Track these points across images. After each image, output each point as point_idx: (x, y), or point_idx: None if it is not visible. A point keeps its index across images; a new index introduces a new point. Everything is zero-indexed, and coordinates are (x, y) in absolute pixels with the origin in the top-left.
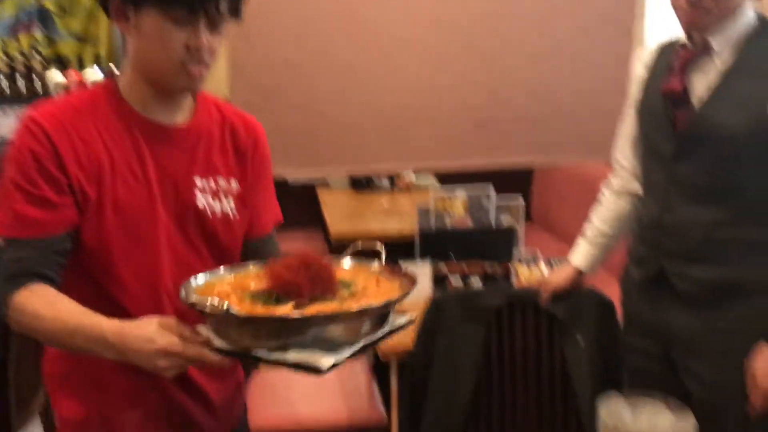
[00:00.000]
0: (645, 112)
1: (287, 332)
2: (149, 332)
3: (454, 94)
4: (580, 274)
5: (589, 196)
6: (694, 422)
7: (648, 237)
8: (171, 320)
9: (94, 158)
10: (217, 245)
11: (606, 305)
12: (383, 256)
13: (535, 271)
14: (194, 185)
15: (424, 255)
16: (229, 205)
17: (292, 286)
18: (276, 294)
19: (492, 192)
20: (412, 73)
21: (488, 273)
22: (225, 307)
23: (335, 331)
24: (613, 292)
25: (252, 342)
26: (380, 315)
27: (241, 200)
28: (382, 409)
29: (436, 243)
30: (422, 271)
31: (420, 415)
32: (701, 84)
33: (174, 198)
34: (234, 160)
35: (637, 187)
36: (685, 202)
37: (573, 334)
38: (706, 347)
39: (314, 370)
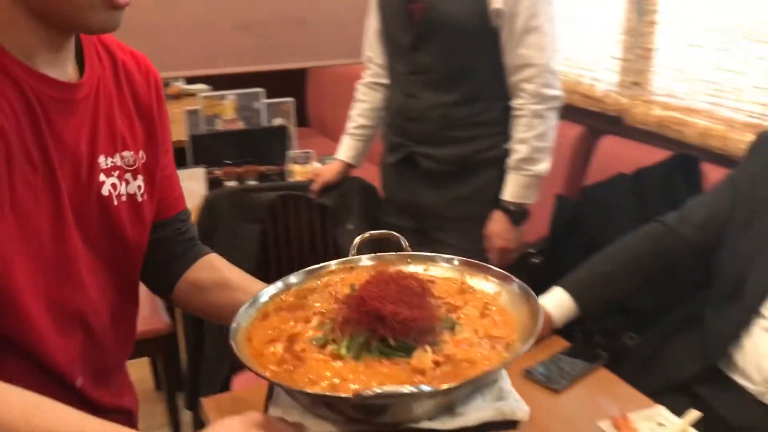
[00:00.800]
0: (385, 6)
1: (458, 391)
2: None
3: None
4: (347, 167)
5: None
6: None
7: (396, 123)
8: (257, 415)
9: None
10: (123, 243)
11: (370, 191)
12: (405, 244)
13: (308, 169)
14: (98, 167)
15: (197, 161)
16: (136, 186)
17: (414, 324)
18: (384, 338)
19: (262, 93)
20: None
21: (263, 174)
22: (425, 390)
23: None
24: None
25: (399, 415)
26: None
27: (150, 175)
28: (166, 317)
29: (208, 147)
30: (196, 176)
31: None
32: None
33: (74, 186)
34: (138, 121)
35: (386, 79)
36: (424, 89)
37: (343, 221)
38: (450, 218)
39: (510, 425)
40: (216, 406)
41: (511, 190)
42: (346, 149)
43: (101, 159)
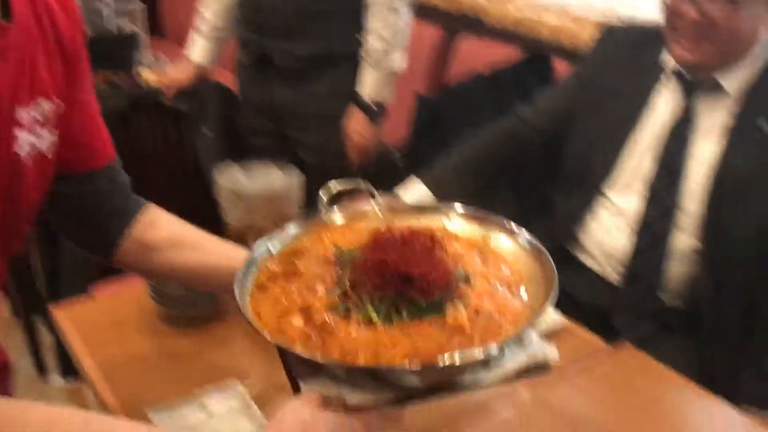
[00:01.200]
0: None
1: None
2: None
3: None
4: (200, 68)
5: None
6: (299, 175)
7: (249, 19)
8: (314, 394)
9: None
10: (25, 204)
11: (226, 93)
12: (377, 196)
13: (160, 75)
14: (15, 121)
15: None
16: (48, 140)
17: (441, 281)
18: (403, 297)
19: None
20: None
21: (113, 82)
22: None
23: None
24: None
25: (443, 377)
26: None
27: (65, 127)
28: None
29: None
30: None
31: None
32: None
33: None
34: (61, 64)
35: None
36: None
37: (199, 126)
38: (308, 116)
39: (543, 368)
40: (69, 316)
41: (366, 86)
42: (198, 50)
43: (19, 111)
